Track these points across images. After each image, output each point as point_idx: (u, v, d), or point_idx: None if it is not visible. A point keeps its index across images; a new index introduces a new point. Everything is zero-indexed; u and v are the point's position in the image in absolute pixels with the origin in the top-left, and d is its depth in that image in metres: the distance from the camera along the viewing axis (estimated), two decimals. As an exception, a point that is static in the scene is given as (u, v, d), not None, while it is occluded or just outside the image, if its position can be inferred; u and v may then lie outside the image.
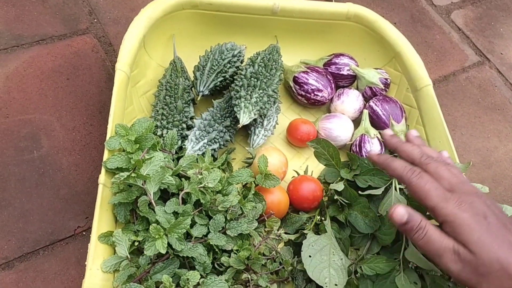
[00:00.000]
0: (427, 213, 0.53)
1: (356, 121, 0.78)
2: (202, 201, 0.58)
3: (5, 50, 0.79)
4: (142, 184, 0.55)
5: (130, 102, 0.70)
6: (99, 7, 0.88)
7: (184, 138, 0.69)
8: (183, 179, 0.60)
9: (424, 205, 0.47)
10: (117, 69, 0.66)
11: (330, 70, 0.81)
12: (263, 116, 0.72)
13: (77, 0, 0.88)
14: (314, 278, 0.56)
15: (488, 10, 1.09)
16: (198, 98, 0.72)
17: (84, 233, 0.64)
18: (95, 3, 0.88)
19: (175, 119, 0.68)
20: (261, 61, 0.72)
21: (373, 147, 0.72)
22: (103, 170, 0.57)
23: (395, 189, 0.67)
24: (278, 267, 0.59)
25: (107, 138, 0.59)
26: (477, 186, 0.59)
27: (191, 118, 0.71)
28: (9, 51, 0.79)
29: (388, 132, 0.58)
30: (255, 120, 0.71)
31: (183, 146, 0.67)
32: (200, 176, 0.58)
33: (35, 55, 0.79)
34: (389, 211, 0.48)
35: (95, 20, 0.86)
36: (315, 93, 0.77)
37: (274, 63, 0.73)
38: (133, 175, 0.54)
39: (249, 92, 0.67)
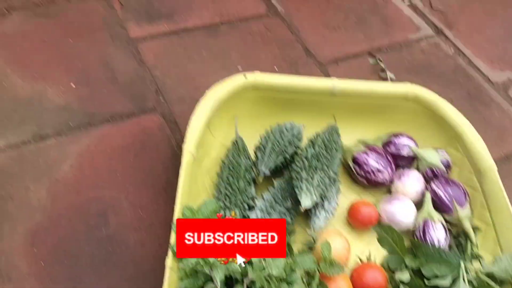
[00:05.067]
0: None
1: (418, 203, 0.76)
2: (267, 289, 0.57)
3: (78, 127, 0.84)
4: (209, 271, 0.56)
5: (194, 181, 0.72)
6: (165, 86, 0.93)
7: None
8: (246, 264, 0.60)
9: None
10: (185, 150, 0.68)
11: (389, 151, 0.81)
12: (323, 198, 0.72)
13: (145, 79, 0.94)
14: None
15: (547, 85, 1.07)
16: (261, 180, 0.74)
17: (149, 316, 0.65)
18: (162, 82, 0.93)
19: (237, 199, 0.70)
20: (322, 142, 0.73)
21: (437, 232, 0.70)
22: (170, 254, 0.58)
23: (463, 280, 0.64)
24: None
25: (174, 219, 0.61)
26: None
27: (252, 198, 0.72)
28: (82, 129, 0.84)
29: None
30: (315, 201, 0.72)
31: (245, 228, 0.68)
32: (264, 263, 0.58)
33: (106, 132, 0.84)
34: None
35: (161, 99, 0.91)
36: (376, 174, 0.77)
37: (334, 144, 0.74)
38: (201, 262, 0.55)
39: (310, 174, 0.68)
